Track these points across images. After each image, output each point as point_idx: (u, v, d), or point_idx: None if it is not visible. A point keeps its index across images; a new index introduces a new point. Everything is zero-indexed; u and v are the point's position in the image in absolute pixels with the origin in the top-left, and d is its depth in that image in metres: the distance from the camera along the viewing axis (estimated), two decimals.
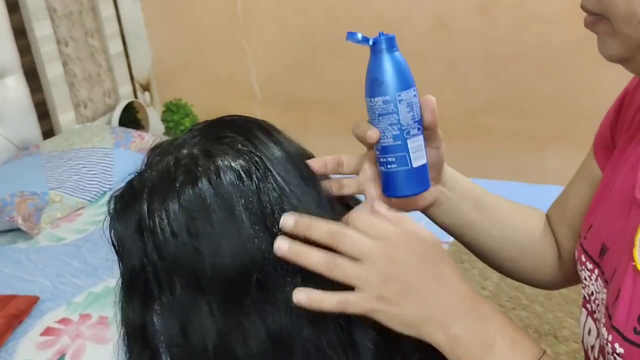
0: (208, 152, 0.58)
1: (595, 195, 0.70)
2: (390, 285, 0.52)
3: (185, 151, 0.59)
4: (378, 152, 0.62)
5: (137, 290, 0.59)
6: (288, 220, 0.54)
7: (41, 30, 2.44)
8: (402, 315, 0.52)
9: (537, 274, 0.81)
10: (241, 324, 0.55)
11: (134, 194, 0.59)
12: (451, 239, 0.77)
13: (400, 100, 0.59)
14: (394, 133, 0.60)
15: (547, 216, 0.82)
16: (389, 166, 0.61)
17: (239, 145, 0.58)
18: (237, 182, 0.56)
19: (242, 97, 3.03)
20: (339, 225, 0.55)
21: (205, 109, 3.11)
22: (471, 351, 0.51)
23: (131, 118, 2.94)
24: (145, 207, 0.57)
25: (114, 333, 0.61)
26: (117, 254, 0.60)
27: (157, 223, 0.56)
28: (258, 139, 0.60)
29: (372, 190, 0.63)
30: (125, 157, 2.25)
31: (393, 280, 0.52)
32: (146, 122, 2.97)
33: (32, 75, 2.44)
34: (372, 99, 0.60)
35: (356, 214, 0.56)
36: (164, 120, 2.95)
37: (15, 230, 1.92)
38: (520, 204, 0.82)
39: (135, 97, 3.00)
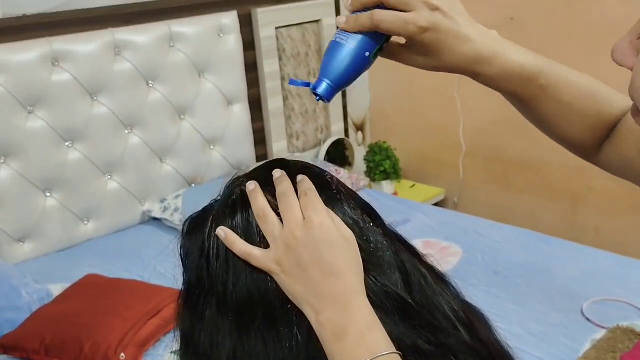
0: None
1: None
2: (289, 256, 0.60)
3: (238, 188, 0.67)
4: None
5: (190, 301, 0.68)
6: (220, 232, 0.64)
7: (269, 67, 2.74)
8: (290, 286, 0.60)
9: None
10: (250, 347, 0.61)
11: (204, 217, 0.68)
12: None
13: None
14: None
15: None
16: None
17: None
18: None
19: (448, 147, 3.06)
20: (267, 209, 0.63)
21: (409, 154, 3.18)
22: (328, 337, 0.58)
23: (340, 154, 3.13)
24: (207, 230, 0.66)
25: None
26: (183, 266, 0.70)
27: (210, 246, 0.65)
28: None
29: None
30: None
31: (292, 255, 0.60)
32: (353, 160, 3.14)
33: (255, 106, 2.75)
34: None
35: (286, 201, 0.62)
36: (366, 160, 3.09)
37: None
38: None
39: (347, 135, 3.20)
